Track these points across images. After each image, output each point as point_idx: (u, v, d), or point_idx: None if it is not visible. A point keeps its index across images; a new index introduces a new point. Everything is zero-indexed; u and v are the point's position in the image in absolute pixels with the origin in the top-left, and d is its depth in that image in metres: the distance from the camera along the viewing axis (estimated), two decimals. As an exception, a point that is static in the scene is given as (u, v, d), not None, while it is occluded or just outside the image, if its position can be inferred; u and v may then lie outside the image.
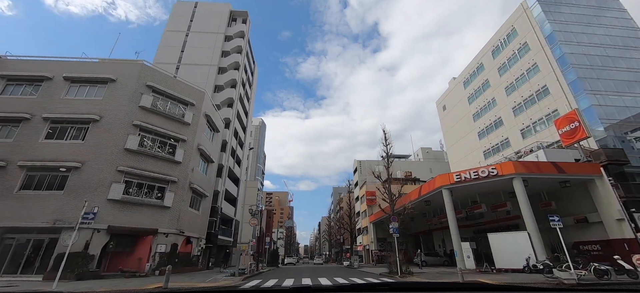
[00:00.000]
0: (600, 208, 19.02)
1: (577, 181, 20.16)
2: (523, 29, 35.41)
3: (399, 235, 17.91)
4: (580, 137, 21.08)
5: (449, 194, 22.08)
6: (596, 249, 19.38)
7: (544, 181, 20.62)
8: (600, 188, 19.13)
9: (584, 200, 20.22)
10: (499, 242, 18.96)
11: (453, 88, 51.63)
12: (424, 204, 27.51)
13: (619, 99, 27.75)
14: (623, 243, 17.50)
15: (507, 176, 19.44)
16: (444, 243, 32.99)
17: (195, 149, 24.34)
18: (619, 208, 18.05)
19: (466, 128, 46.17)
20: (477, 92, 44.30)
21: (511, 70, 37.06)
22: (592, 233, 19.79)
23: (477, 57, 44.80)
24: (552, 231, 22.64)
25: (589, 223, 19.88)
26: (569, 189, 21.20)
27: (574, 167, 19.69)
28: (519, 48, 35.96)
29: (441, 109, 55.44)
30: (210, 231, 29.01)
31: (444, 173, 22.66)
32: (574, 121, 21.38)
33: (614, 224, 18.17)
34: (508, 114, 37.02)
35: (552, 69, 30.67)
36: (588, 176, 19.45)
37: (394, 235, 17.97)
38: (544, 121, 31.22)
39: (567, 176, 19.39)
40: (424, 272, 20.06)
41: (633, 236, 17.24)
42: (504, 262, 18.33)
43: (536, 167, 19.59)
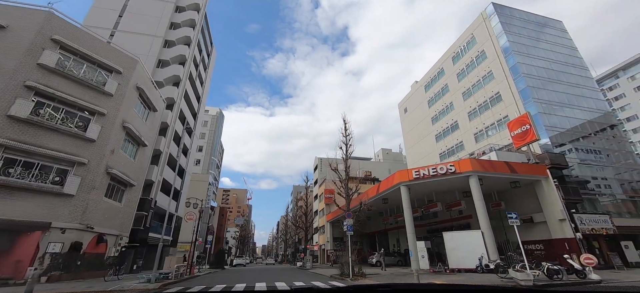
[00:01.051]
0: (545, 208, 19.47)
1: (526, 182, 20.52)
2: (481, 37, 36.82)
3: (352, 233, 16.11)
4: (530, 140, 21.63)
5: (407, 191, 21.07)
6: (539, 249, 19.82)
7: (496, 181, 20.65)
8: (546, 189, 19.59)
9: (531, 200, 20.65)
10: (453, 241, 18.29)
11: (415, 91, 52.66)
12: (381, 202, 26.44)
13: (560, 109, 29.86)
14: (564, 242, 17.93)
15: (464, 173, 18.93)
16: (399, 243, 32.56)
17: (119, 126, 19.95)
18: (562, 208, 18.55)
19: (425, 130, 47.16)
20: (436, 96, 45.44)
21: (469, 76, 38.37)
22: (536, 233, 20.24)
23: (439, 63, 46.03)
24: (500, 230, 23.01)
25: (534, 223, 20.32)
26: (517, 190, 21.60)
27: (524, 168, 19.96)
28: (477, 56, 37.32)
29: (402, 112, 56.33)
30: (137, 228, 24.43)
31: (403, 170, 21.64)
32: (526, 124, 21.91)
33: (557, 224, 18.62)
34: (464, 118, 38.23)
35: (505, 77, 32.07)
36: (535, 177, 19.83)
37: (347, 233, 16.12)
38: (496, 126, 32.51)
39: (517, 176, 19.52)
40: (379, 273, 18.61)
41: (573, 236, 17.72)
42: (458, 262, 17.65)
43: (491, 166, 19.43)
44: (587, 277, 12.28)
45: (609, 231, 18.84)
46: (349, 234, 16.10)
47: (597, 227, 18.64)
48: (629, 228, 22.42)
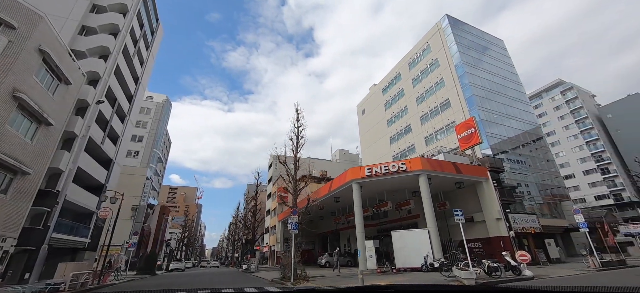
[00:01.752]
0: (484, 208, 20.34)
1: (469, 183, 21.30)
2: (435, 46, 38.66)
3: (297, 232, 14.57)
4: (474, 142, 22.64)
5: (358, 189, 20.32)
6: (478, 247, 20.65)
7: (443, 181, 21.06)
8: (486, 189, 20.51)
9: (472, 201, 21.50)
10: (401, 240, 17.94)
11: (373, 94, 53.64)
12: (333, 201, 25.46)
13: (499, 119, 32.46)
14: (500, 240, 18.82)
15: (415, 172, 18.79)
16: (350, 243, 32.04)
17: (6, 94, 15.50)
18: (499, 208, 19.51)
19: (381, 132, 48.11)
20: (393, 99, 46.68)
21: (422, 82, 39.99)
22: (476, 232, 21.09)
23: (397, 67, 47.42)
24: (444, 230, 23.65)
25: (474, 222, 21.16)
26: (461, 190, 22.41)
27: (468, 168, 20.67)
28: (430, 63, 39.05)
29: (360, 113, 57.02)
30: (34, 228, 19.56)
31: (356, 167, 20.90)
32: (471, 127, 22.91)
33: (494, 223, 19.52)
34: (416, 122, 39.66)
35: (455, 85, 33.90)
36: (477, 178, 20.66)
37: (291, 231, 14.53)
38: (445, 131, 34.13)
39: (462, 176, 20.09)
40: (325, 275, 17.36)
41: (507, 234, 18.68)
42: (404, 261, 17.28)
43: (439, 165, 19.67)
44: (522, 273, 12.54)
45: (536, 229, 20.47)
46: (293, 233, 14.52)
47: (526, 226, 20.09)
48: (550, 227, 24.90)
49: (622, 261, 16.52)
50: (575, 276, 13.31)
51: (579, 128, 60.03)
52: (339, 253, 21.95)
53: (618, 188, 52.20)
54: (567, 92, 63.61)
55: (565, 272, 14.66)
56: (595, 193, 54.38)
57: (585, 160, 57.92)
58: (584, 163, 58.01)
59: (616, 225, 30.78)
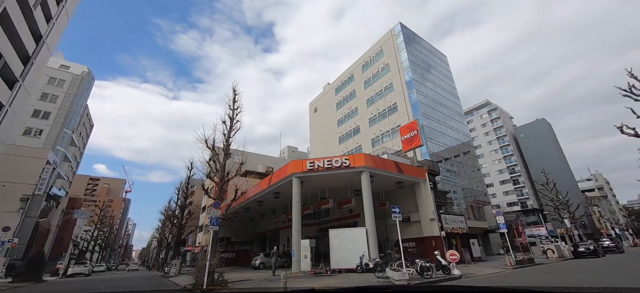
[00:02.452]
0: (421, 208, 20.72)
1: (408, 183, 21.55)
2: (388, 51, 39.73)
3: (217, 228, 12.28)
4: (416, 144, 23.14)
5: (299, 183, 18.77)
6: (412, 246, 20.94)
7: (384, 180, 20.89)
8: (423, 191, 20.94)
9: (410, 201, 21.81)
10: (337, 239, 16.91)
11: (326, 93, 53.20)
12: (273, 197, 23.45)
13: (438, 126, 34.53)
14: (432, 240, 19.24)
15: (358, 168, 18.03)
16: (289, 243, 30.34)
17: None
18: (433, 209, 20.01)
19: (331, 131, 47.75)
20: (345, 100, 46.75)
21: (374, 85, 40.73)
22: (411, 232, 21.40)
23: (351, 68, 47.70)
24: (382, 229, 23.63)
25: (410, 222, 21.46)
26: (401, 191, 22.64)
27: (409, 169, 20.85)
28: (382, 67, 39.96)
29: (312, 111, 56.14)
30: None
31: (298, 160, 19.34)
32: (414, 129, 23.40)
33: (428, 223, 19.94)
34: (365, 123, 40.13)
35: (403, 90, 35.06)
36: (416, 179, 20.98)
37: (210, 228, 12.17)
38: (390, 133, 34.98)
39: (403, 176, 20.12)
40: (250, 278, 15.28)
41: (439, 234, 19.20)
42: (340, 261, 16.25)
43: (382, 163, 19.34)
44: (451, 272, 12.43)
45: (463, 230, 21.67)
46: (211, 229, 12.18)
47: (456, 226, 21.11)
48: (474, 228, 27.00)
49: (531, 259, 18.23)
50: (497, 274, 13.88)
51: (499, 144, 69.10)
52: (277, 254, 19.54)
53: (524, 197, 61.33)
54: (492, 112, 72.78)
55: (487, 270, 15.34)
56: (508, 201, 62.94)
57: (502, 172, 66.86)
58: (500, 174, 66.87)
59: (523, 228, 35.28)
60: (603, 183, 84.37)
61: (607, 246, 26.19)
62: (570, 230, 28.70)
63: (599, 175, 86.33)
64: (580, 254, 21.87)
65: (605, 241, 27.91)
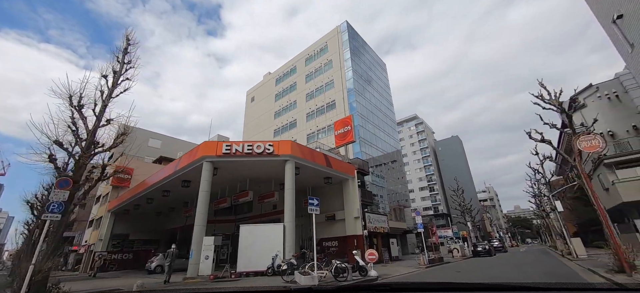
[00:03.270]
0: (346, 206, 19.86)
1: (337, 180, 20.51)
2: (332, 48, 39.07)
3: (59, 217, 8.44)
4: (348, 140, 22.40)
5: (210, 169, 15.61)
6: (334, 245, 19.91)
7: (313, 175, 19.35)
8: (351, 188, 20.15)
9: (337, 199, 20.81)
10: (250, 237, 14.44)
11: (266, 82, 49.95)
12: (181, 186, 19.45)
13: (374, 129, 35.25)
14: (354, 239, 18.47)
15: (283, 156, 15.91)
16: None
17: None
18: (358, 206, 19.35)
19: (266, 123, 44.76)
20: (284, 91, 44.42)
21: (315, 80, 39.51)
22: (335, 230, 20.39)
23: (294, 60, 45.65)
24: (307, 228, 22.09)
25: (335, 221, 20.45)
26: (329, 187, 21.52)
27: (339, 164, 19.79)
28: (325, 63, 39.06)
29: (249, 100, 52.11)
30: None
31: (212, 141, 16.13)
32: (348, 125, 22.65)
33: (352, 221, 19.16)
34: (302, 118, 38.55)
35: (342, 88, 34.66)
36: (345, 175, 20.07)
37: (46, 217, 8.27)
38: (326, 130, 34.13)
39: (332, 171, 18.90)
40: (120, 288, 11.51)
41: (361, 233, 18.56)
42: (250, 262, 13.79)
43: (311, 154, 17.70)
44: (368, 273, 11.36)
45: (385, 229, 21.76)
46: (49, 218, 8.29)
47: (378, 226, 21.00)
48: (395, 228, 27.93)
49: (441, 258, 19.13)
50: (410, 273, 13.56)
51: (421, 154, 76.86)
52: (173, 255, 14.23)
53: (437, 203, 69.35)
54: (419, 125, 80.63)
55: (403, 269, 15.11)
56: (424, 205, 70.16)
57: (421, 179, 74.42)
58: (420, 181, 74.33)
59: (436, 229, 38.84)
60: (493, 195, 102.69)
61: (497, 246, 30.42)
62: (471, 232, 32.65)
63: (491, 188, 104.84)
64: (478, 253, 24.47)
65: (495, 242, 32.58)
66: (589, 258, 15.11)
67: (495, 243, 31.60)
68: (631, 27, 13.08)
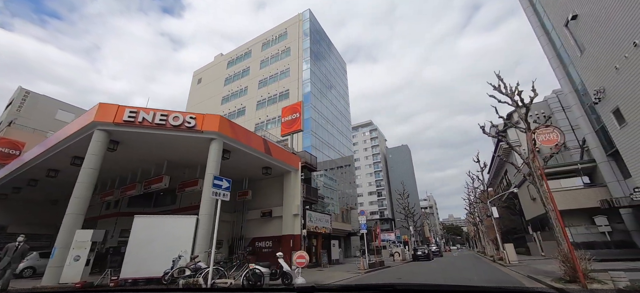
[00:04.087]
0: (285, 201, 17.55)
1: (278, 171, 18.05)
2: (292, 35, 36.58)
3: None
4: (295, 129, 20.15)
5: (105, 140, 11.83)
6: (268, 246, 17.39)
7: (248, 164, 16.57)
8: (292, 181, 17.91)
9: (276, 194, 18.38)
10: (147, 231, 11.05)
11: (216, 64, 45.18)
12: (71, 163, 14.84)
13: (325, 124, 33.62)
14: (290, 239, 16.21)
15: (208, 133, 12.85)
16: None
17: None
18: (299, 203, 17.20)
19: (211, 108, 40.02)
20: (236, 76, 40.46)
21: (270, 66, 36.56)
22: (272, 228, 17.90)
23: (250, 43, 41.98)
24: (238, 225, 19.10)
25: (272, 218, 17.97)
26: (269, 181, 19.00)
27: (280, 152, 17.35)
28: (283, 50, 36.37)
29: (196, 82, 46.60)
30: None
31: (112, 104, 12.25)
32: (297, 111, 20.41)
33: (290, 219, 16.90)
34: (252, 106, 35.24)
35: (298, 78, 32.37)
36: (288, 166, 17.75)
37: None
38: (276, 121, 31.41)
39: (271, 160, 16.35)
40: None
41: (299, 232, 16.41)
42: (142, 265, 10.37)
43: (246, 136, 14.90)
44: (293, 281, 9.10)
45: (327, 230, 19.93)
46: None
47: (320, 225, 19.08)
48: (339, 230, 26.50)
49: (382, 262, 17.98)
50: (347, 280, 11.76)
51: (373, 160, 78.74)
52: (15, 252, 8.65)
53: (383, 208, 71.46)
54: (373, 131, 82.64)
55: (339, 274, 13.31)
56: (371, 209, 71.66)
57: (371, 184, 76.13)
58: (370, 186, 75.95)
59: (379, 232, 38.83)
60: (433, 203, 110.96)
61: (434, 251, 31.23)
62: (412, 236, 33.16)
63: (431, 197, 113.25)
64: (418, 257, 24.34)
65: (433, 247, 33.60)
66: (520, 263, 15.28)
67: (433, 248, 32.50)
68: (582, 31, 13.40)
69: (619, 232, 15.88)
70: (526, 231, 26.07)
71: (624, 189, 15.79)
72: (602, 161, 16.87)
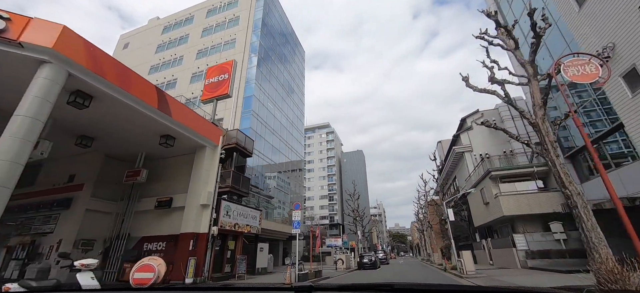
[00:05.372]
0: (193, 186, 12.65)
1: (188, 146, 13.05)
2: (243, 4, 31.59)
3: None
4: (221, 93, 15.35)
5: None
6: (161, 248, 12.21)
7: (140, 128, 11.34)
8: (207, 160, 13.12)
9: (184, 178, 13.24)
10: None
11: (149, 29, 37.56)
12: None
13: (274, 109, 29.13)
14: (191, 239, 11.32)
15: (32, 49, 7.46)
16: None
17: None
18: (212, 190, 12.45)
19: (135, 76, 32.52)
20: (171, 43, 33.69)
21: (213, 36, 30.95)
22: (167, 224, 12.74)
23: (193, 8, 35.65)
24: (127, 218, 13.49)
25: (171, 209, 12.83)
26: (175, 161, 13.90)
27: (188, 115, 12.36)
28: (231, 19, 31.12)
29: (121, 46, 38.18)
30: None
31: None
32: (226, 72, 15.63)
33: (196, 211, 12.02)
34: (186, 78, 29.12)
35: (244, 50, 27.51)
36: (201, 138, 12.91)
37: None
38: (211, 96, 25.95)
39: (173, 123, 11.39)
40: None
41: (206, 230, 11.64)
42: None
43: (122, 75, 9.62)
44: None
45: (251, 230, 15.27)
46: None
47: (242, 223, 14.36)
48: (277, 232, 22.07)
49: (318, 272, 14.11)
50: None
51: (327, 163, 76.16)
52: None
53: (334, 213, 68.93)
54: (330, 134, 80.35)
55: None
56: (322, 214, 68.59)
57: (323, 188, 73.25)
58: (322, 189, 72.99)
59: (325, 238, 35.48)
60: (382, 211, 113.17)
61: (381, 258, 28.84)
62: (360, 242, 30.44)
63: (381, 205, 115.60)
64: (364, 265, 21.27)
65: (380, 253, 31.35)
66: (478, 274, 12.82)
67: (380, 255, 30.13)
68: None
69: (574, 240, 14.63)
70: (473, 239, 24.99)
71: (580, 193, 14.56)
72: (559, 164, 15.63)
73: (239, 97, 24.47)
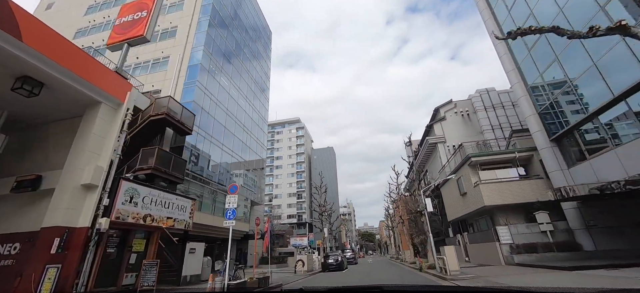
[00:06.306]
0: (72, 160, 8.51)
1: (70, 98, 8.89)
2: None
3: None
4: (135, 34, 11.24)
5: None
6: (13, 253, 7.94)
7: None
8: (102, 123, 9.08)
9: (65, 151, 8.96)
10: None
11: (80, -15, 31.06)
12: None
13: (228, 84, 25.04)
14: (55, 238, 7.26)
15: None
16: None
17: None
18: (104, 165, 8.46)
19: (55, 39, 26.25)
20: (106, 3, 27.98)
21: None
22: (35, 216, 8.45)
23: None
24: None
25: (38, 192, 8.57)
26: (54, 128, 9.60)
27: (59, 45, 8.23)
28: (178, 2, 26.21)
29: (43, 8, 31.31)
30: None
31: None
32: (145, 9, 11.54)
33: (71, 195, 7.97)
34: (119, 43, 23.79)
35: (193, 12, 23.12)
36: (95, 91, 8.81)
37: None
38: (150, 65, 21.30)
39: (31, 55, 7.20)
40: None
41: (87, 225, 7.65)
42: None
43: None
44: None
45: (178, 224, 11.25)
46: None
47: (162, 216, 10.25)
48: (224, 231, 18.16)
49: (265, 278, 10.70)
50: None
51: (296, 160, 72.62)
52: None
53: (302, 211, 65.60)
54: (300, 129, 76.87)
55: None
56: (289, 213, 64.94)
57: (291, 185, 69.60)
58: (290, 187, 69.30)
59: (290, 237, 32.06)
60: (352, 210, 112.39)
61: (349, 257, 26.24)
62: (327, 241, 27.59)
63: (351, 204, 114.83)
64: (328, 266, 18.30)
65: (348, 252, 28.81)
66: (463, 273, 10.39)
67: (348, 254, 27.51)
68: None
69: (561, 231, 13.02)
70: (446, 234, 23.33)
71: (567, 179, 12.98)
72: (545, 148, 14.05)
73: (183, 64, 20.16)
